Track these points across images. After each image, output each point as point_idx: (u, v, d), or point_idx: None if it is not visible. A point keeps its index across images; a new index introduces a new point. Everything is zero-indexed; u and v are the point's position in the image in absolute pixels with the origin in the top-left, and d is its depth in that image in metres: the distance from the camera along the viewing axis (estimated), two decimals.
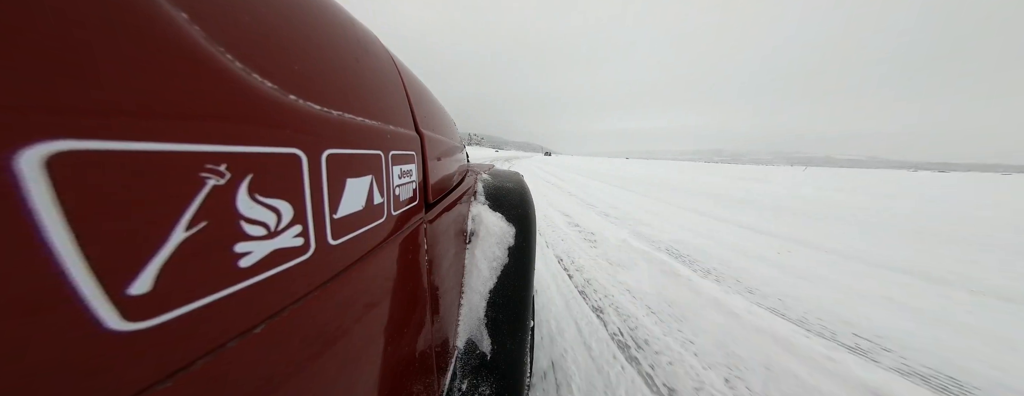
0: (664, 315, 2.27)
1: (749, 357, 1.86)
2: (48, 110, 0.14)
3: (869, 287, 2.94)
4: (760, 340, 2.01)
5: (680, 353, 1.88)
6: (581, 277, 2.86)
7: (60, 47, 0.14)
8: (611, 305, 2.39)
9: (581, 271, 2.99)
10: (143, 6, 0.17)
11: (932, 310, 2.57)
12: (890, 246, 4.37)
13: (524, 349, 0.83)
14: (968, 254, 4.13)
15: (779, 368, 1.77)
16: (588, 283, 2.73)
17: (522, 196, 1.19)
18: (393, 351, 0.43)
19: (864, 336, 2.16)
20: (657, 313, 2.29)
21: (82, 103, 0.15)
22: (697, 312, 2.30)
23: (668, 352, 1.88)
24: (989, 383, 1.78)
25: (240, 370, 0.22)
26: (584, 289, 2.63)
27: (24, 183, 0.13)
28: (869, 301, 2.66)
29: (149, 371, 0.18)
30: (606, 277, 2.86)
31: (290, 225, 0.25)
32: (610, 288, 2.65)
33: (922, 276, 3.28)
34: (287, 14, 0.29)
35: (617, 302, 2.43)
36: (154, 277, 0.17)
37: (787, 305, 2.52)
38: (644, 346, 1.93)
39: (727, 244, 4.03)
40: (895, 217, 6.66)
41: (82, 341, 0.15)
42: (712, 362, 1.81)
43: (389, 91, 0.49)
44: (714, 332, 2.07)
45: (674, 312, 2.30)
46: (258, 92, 0.23)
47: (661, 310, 2.32)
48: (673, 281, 2.79)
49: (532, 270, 0.96)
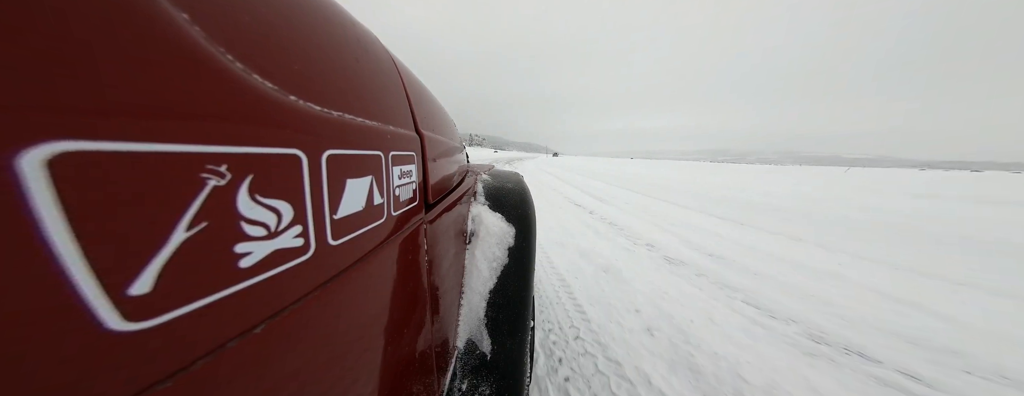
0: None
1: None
2: (50, 111, 0.14)
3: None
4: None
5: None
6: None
7: (61, 48, 0.14)
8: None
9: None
10: (143, 6, 0.17)
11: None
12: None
13: (524, 349, 0.83)
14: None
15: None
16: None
17: (522, 196, 1.19)
18: (393, 351, 0.43)
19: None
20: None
21: (83, 104, 0.15)
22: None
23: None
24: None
25: (240, 370, 0.22)
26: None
27: (25, 183, 0.13)
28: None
29: (149, 371, 0.18)
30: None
31: (290, 225, 0.25)
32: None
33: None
34: (287, 14, 0.29)
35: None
36: (155, 277, 0.17)
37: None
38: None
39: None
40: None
41: (82, 341, 0.15)
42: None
43: (389, 91, 0.49)
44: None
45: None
46: (258, 92, 0.23)
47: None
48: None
49: (532, 270, 0.96)
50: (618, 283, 2.71)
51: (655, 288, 2.64)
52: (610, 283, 2.71)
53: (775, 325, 2.20)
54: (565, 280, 2.78)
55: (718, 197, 8.43)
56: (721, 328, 2.11)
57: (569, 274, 2.89)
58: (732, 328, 2.13)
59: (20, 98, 0.13)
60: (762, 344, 1.97)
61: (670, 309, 2.31)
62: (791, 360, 1.84)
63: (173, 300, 0.18)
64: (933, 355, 1.97)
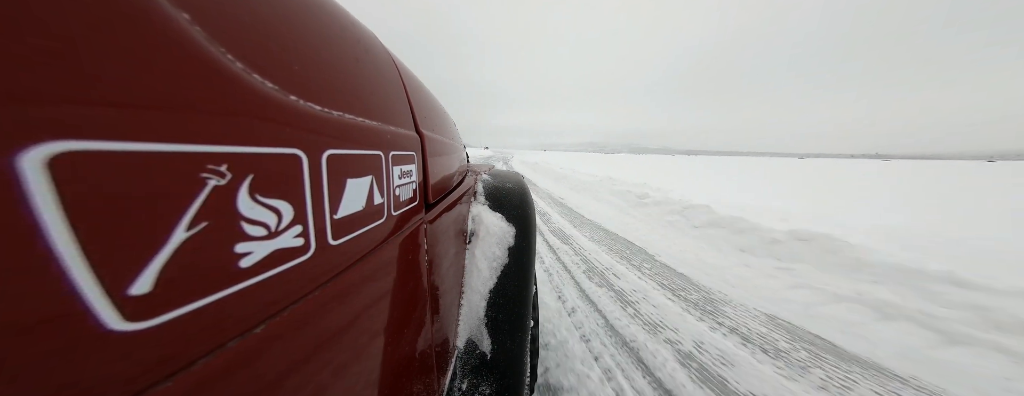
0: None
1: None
2: (50, 111, 0.14)
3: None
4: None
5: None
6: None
7: (62, 48, 0.14)
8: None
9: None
10: (144, 6, 0.17)
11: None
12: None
13: (524, 349, 0.83)
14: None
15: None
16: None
17: (522, 196, 1.19)
18: (393, 351, 0.43)
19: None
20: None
21: (84, 104, 0.15)
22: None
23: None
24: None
25: (240, 370, 0.22)
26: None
27: (26, 183, 0.13)
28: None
29: (149, 371, 0.18)
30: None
31: (290, 225, 0.25)
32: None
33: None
34: (287, 14, 0.29)
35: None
36: (155, 277, 0.17)
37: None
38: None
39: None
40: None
41: (82, 341, 0.15)
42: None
43: (389, 91, 0.49)
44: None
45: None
46: (259, 92, 0.23)
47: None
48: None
49: (532, 270, 0.96)
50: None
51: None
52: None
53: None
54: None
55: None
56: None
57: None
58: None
59: (21, 98, 0.13)
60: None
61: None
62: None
63: (173, 300, 0.18)
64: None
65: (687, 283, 2.81)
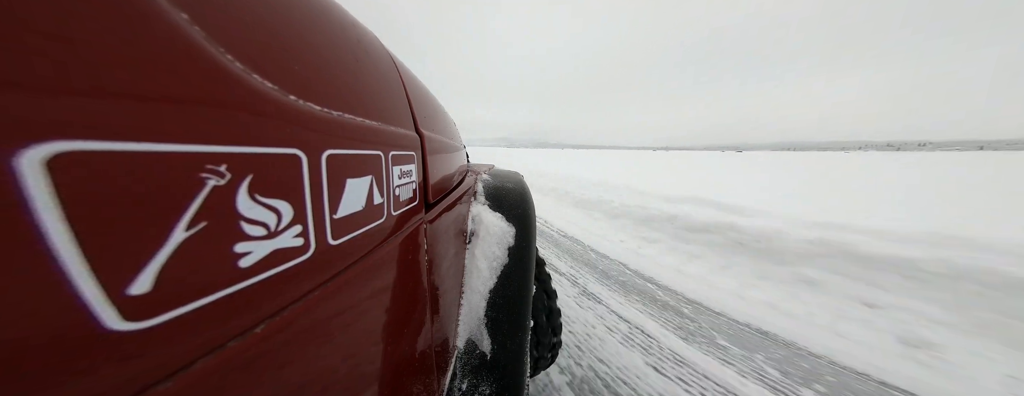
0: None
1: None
2: (49, 111, 0.14)
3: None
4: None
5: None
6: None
7: (61, 48, 0.14)
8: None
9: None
10: (143, 6, 0.17)
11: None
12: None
13: (524, 349, 0.83)
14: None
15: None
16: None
17: (522, 196, 1.19)
18: (393, 351, 0.43)
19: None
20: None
21: (83, 104, 0.15)
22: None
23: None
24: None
25: (240, 370, 0.22)
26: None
27: (25, 183, 0.13)
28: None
29: (149, 371, 0.18)
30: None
31: (290, 225, 0.25)
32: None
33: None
34: (287, 14, 0.29)
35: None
36: (154, 277, 0.17)
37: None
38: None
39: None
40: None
41: (82, 341, 0.15)
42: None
43: (389, 91, 0.49)
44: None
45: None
46: (258, 92, 0.23)
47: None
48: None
49: (532, 270, 0.96)
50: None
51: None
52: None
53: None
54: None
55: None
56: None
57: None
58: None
59: (20, 98, 0.13)
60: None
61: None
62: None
63: (173, 300, 0.18)
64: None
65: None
